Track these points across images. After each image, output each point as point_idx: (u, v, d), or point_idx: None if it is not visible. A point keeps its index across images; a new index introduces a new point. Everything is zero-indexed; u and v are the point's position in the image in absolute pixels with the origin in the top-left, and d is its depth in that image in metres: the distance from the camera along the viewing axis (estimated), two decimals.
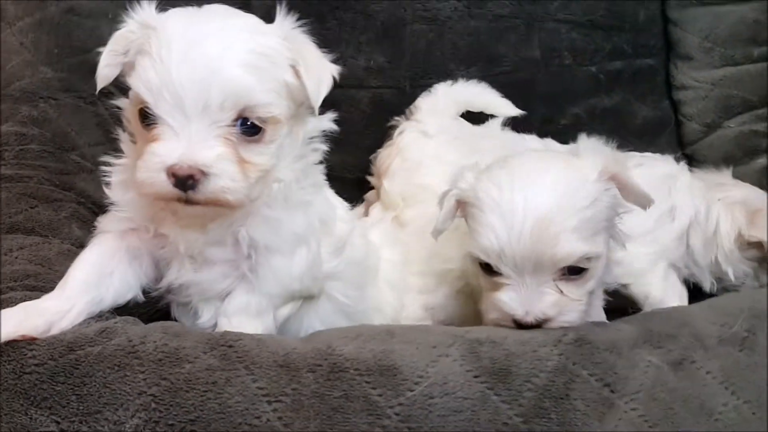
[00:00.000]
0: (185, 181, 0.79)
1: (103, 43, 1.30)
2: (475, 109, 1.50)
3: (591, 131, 1.57)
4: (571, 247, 0.89)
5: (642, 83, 1.64)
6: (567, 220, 0.89)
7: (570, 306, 0.92)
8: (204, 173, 0.79)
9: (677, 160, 1.47)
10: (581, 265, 0.92)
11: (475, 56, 1.55)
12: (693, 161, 1.62)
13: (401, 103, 1.51)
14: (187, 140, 0.80)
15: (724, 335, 0.90)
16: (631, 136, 1.62)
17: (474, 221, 0.94)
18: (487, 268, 0.94)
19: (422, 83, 1.52)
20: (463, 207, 0.99)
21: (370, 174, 1.51)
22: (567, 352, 0.84)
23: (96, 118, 1.35)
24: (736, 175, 1.51)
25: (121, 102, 0.93)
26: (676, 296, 1.32)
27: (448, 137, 1.42)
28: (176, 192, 0.80)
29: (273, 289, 0.94)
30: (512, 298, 0.91)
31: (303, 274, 0.96)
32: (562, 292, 0.92)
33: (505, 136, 1.47)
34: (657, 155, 1.46)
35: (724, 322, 0.92)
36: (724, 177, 1.47)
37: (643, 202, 0.96)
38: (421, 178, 1.38)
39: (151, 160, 0.80)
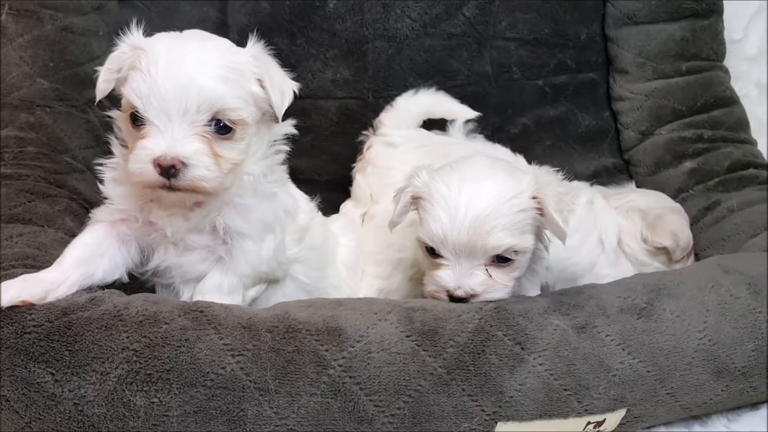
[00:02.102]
0: (168, 170, 0.93)
1: (95, 58, 1.45)
2: (435, 116, 1.57)
3: (539, 139, 1.71)
4: (500, 240, 1.02)
5: (584, 95, 1.73)
6: (499, 219, 1.02)
7: (496, 287, 1.05)
8: (184, 164, 0.93)
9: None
10: (508, 256, 1.05)
11: (431, 71, 1.63)
12: (630, 165, 1.71)
13: (365, 112, 1.62)
14: (170, 137, 0.94)
15: (625, 306, 1.03)
16: (575, 144, 1.72)
17: (425, 213, 1.07)
18: (431, 252, 1.07)
19: (384, 94, 1.61)
20: (416, 201, 1.11)
21: (339, 177, 1.62)
22: (486, 317, 0.98)
23: (86, 125, 1.44)
24: (666, 178, 1.62)
25: (113, 113, 1.06)
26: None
27: (413, 145, 1.52)
28: (161, 180, 0.93)
29: (245, 270, 1.07)
30: (448, 275, 1.04)
31: (270, 257, 1.10)
32: (491, 276, 1.05)
33: (473, 143, 1.54)
34: (577, 183, 1.51)
35: (627, 296, 1.05)
36: (626, 188, 1.57)
37: (559, 234, 1.07)
38: (389, 179, 1.47)
39: (141, 153, 0.94)
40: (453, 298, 1.04)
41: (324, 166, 1.67)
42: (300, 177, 1.37)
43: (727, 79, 1.70)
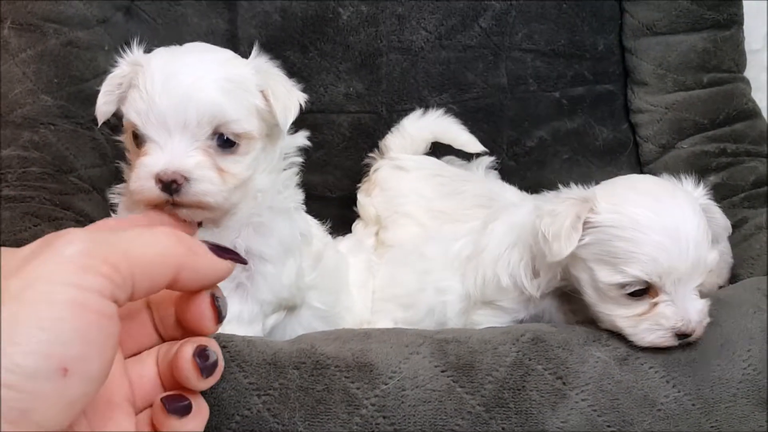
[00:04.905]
0: (170, 185, 0.88)
1: (100, 73, 1.40)
2: (442, 141, 1.55)
3: (555, 152, 1.68)
4: None
5: (602, 107, 1.70)
6: (705, 238, 0.97)
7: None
8: (186, 178, 0.88)
9: None
10: None
11: (446, 83, 1.60)
12: None
13: (379, 126, 1.59)
14: (171, 152, 0.89)
15: None
16: (593, 157, 1.69)
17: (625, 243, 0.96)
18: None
19: (398, 108, 1.59)
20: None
21: (351, 193, 1.59)
22: (524, 349, 0.93)
23: (92, 143, 1.40)
24: None
25: (123, 137, 1.02)
26: None
27: (427, 173, 1.49)
28: (163, 196, 0.88)
29: (266, 296, 1.03)
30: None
31: (291, 283, 1.06)
32: None
33: (489, 184, 1.51)
34: None
35: None
36: None
37: (721, 231, 1.03)
38: (400, 206, 1.46)
39: (141, 170, 0.89)
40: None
41: (336, 182, 1.64)
42: (312, 193, 1.32)
43: (749, 91, 1.66)
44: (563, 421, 0.90)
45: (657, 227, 0.95)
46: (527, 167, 1.66)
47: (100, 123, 1.00)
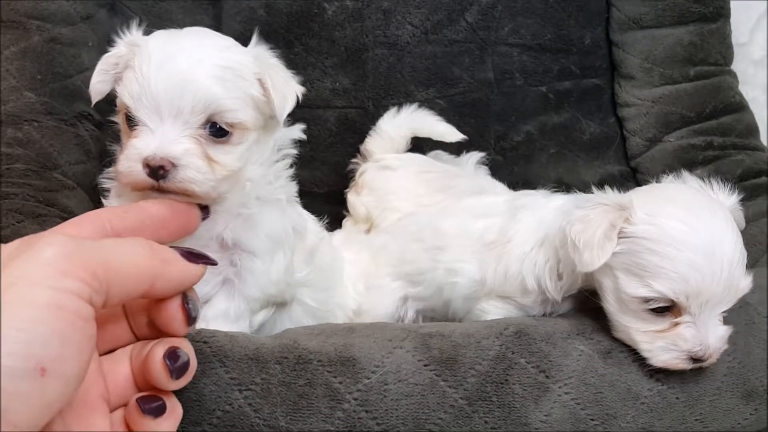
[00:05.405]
0: (157, 171, 0.87)
1: (84, 70, 1.40)
2: (421, 135, 1.54)
3: (542, 147, 1.68)
4: None
5: (589, 101, 1.69)
6: (741, 261, 0.92)
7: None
8: (174, 164, 0.87)
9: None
10: None
11: (433, 78, 1.60)
12: (637, 173, 1.68)
13: (366, 121, 1.58)
14: (161, 137, 0.88)
15: None
16: (580, 151, 1.69)
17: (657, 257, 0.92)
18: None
19: (384, 103, 1.58)
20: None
21: (338, 188, 1.58)
22: (507, 342, 0.93)
23: (76, 139, 1.39)
24: None
25: (116, 117, 1.00)
26: None
27: (415, 170, 1.48)
28: (150, 180, 0.87)
29: (253, 293, 1.02)
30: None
31: (280, 279, 1.04)
32: None
33: (478, 179, 1.50)
34: None
35: None
36: None
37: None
38: (388, 203, 1.45)
39: (131, 152, 0.88)
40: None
41: (323, 177, 1.63)
42: (300, 189, 1.31)
43: (736, 84, 1.66)
44: (546, 414, 0.89)
45: (692, 244, 0.90)
46: (514, 162, 1.66)
47: (93, 102, 0.98)
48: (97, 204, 1.38)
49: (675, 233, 0.91)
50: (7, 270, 0.54)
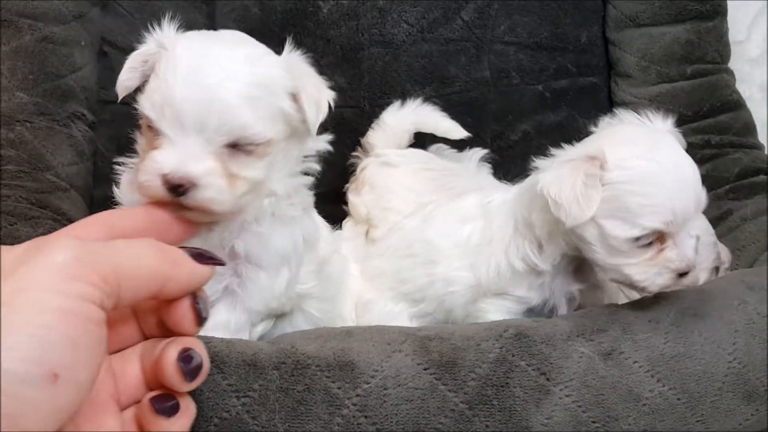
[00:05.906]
0: (176, 189, 0.84)
1: (77, 69, 1.39)
2: (424, 131, 1.52)
3: (539, 146, 1.66)
4: None
5: (586, 100, 1.69)
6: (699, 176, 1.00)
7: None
8: (194, 184, 0.85)
9: None
10: None
11: (429, 77, 1.59)
12: None
13: (362, 121, 1.57)
14: (182, 153, 0.85)
15: (651, 329, 0.98)
16: None
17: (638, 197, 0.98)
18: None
19: (380, 102, 1.56)
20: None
21: (334, 188, 1.56)
22: (507, 345, 0.92)
23: (69, 140, 1.37)
24: None
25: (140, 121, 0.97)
26: None
27: (415, 167, 1.47)
28: (168, 195, 0.85)
29: (256, 305, 1.00)
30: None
31: (281, 293, 1.02)
32: None
33: (479, 178, 1.49)
34: None
35: (652, 318, 1.00)
36: None
37: None
38: (388, 202, 1.43)
39: (151, 165, 0.86)
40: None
41: (320, 177, 1.60)
42: None
43: (733, 83, 1.66)
44: (547, 417, 0.89)
45: (664, 176, 0.97)
46: (511, 161, 1.64)
47: (120, 98, 0.94)
48: (91, 206, 1.38)
49: (649, 171, 0.97)
50: (18, 275, 0.54)
